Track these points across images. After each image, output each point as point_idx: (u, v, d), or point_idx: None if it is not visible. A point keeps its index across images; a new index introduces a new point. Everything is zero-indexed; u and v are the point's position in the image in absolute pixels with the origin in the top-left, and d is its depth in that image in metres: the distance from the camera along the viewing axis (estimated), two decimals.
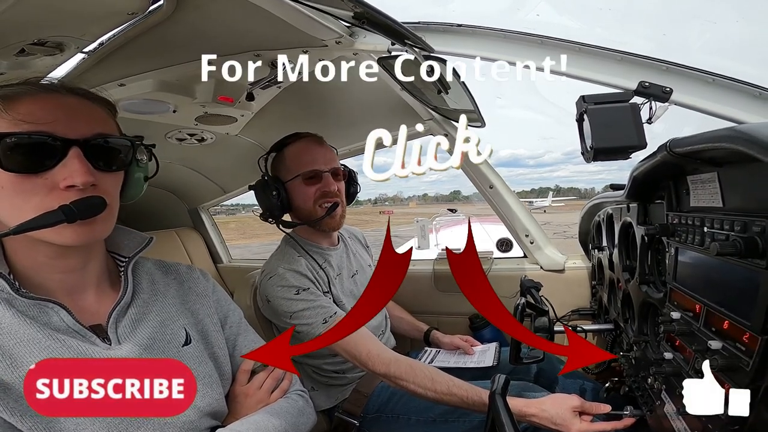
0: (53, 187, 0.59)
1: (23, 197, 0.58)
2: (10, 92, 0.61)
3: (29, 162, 0.58)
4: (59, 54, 0.95)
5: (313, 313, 1.18)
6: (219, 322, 0.83)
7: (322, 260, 1.31)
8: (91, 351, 0.63)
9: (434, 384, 1.06)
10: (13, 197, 0.58)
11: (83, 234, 0.61)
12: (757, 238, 0.54)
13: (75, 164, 0.59)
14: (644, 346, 0.97)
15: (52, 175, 0.59)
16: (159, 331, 0.71)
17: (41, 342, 0.59)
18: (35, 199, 0.59)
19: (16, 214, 0.58)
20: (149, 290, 0.75)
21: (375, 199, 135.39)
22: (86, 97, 0.66)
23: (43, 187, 0.59)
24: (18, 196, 0.58)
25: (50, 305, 0.62)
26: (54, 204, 0.58)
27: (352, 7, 0.83)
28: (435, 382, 1.06)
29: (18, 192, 0.58)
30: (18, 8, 0.76)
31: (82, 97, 0.65)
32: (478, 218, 4.28)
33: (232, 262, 2.68)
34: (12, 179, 0.58)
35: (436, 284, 1.86)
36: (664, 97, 0.78)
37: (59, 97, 0.63)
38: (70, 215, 0.57)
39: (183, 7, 0.89)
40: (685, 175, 0.76)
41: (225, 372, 0.79)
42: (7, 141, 0.57)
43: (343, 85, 1.44)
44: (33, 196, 0.59)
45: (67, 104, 0.63)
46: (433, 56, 1.05)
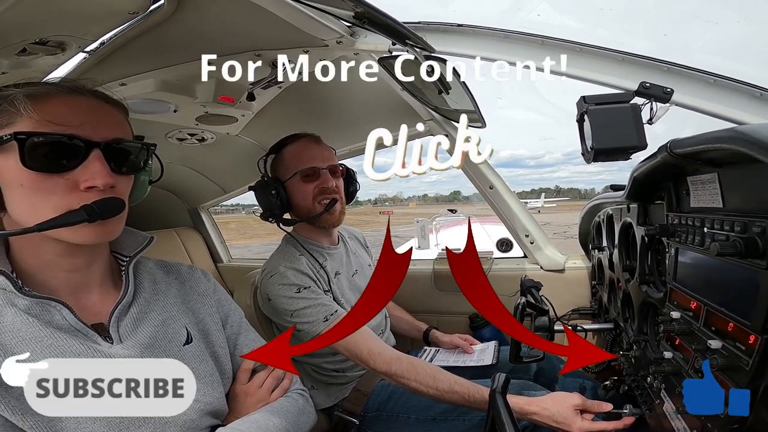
0: (74, 187, 0.60)
1: (43, 196, 0.59)
2: (36, 92, 0.62)
3: (52, 162, 0.59)
4: (61, 53, 0.95)
5: (313, 311, 1.18)
6: (220, 322, 0.83)
7: (322, 259, 1.32)
8: (93, 349, 0.63)
9: (436, 381, 1.06)
10: (33, 195, 0.59)
11: (100, 233, 0.62)
12: (757, 239, 0.54)
13: (97, 166, 0.61)
14: (644, 346, 0.97)
15: (73, 176, 0.60)
16: (160, 330, 0.71)
17: (43, 340, 0.60)
18: (55, 198, 0.60)
19: (34, 213, 0.59)
20: (151, 290, 0.76)
21: (375, 200, 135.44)
22: (106, 100, 0.67)
23: (64, 187, 0.60)
24: (38, 194, 0.59)
25: (53, 303, 0.62)
26: (73, 203, 0.60)
27: (353, 6, 0.84)
28: (437, 380, 1.06)
29: (38, 190, 0.59)
30: (19, 7, 0.76)
31: (102, 100, 0.67)
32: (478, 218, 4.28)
33: (232, 261, 2.68)
34: (33, 177, 0.59)
35: (435, 284, 1.86)
36: (665, 97, 0.79)
37: (83, 99, 0.64)
38: (92, 215, 0.59)
39: (184, 7, 0.89)
40: (686, 176, 0.76)
41: (226, 371, 0.80)
42: (34, 140, 0.58)
43: (343, 85, 1.44)
44: (53, 195, 0.59)
45: (91, 107, 0.64)
46: (434, 56, 1.05)
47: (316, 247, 1.35)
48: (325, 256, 1.34)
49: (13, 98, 0.60)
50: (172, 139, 1.68)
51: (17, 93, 0.60)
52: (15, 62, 0.93)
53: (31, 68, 0.97)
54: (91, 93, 0.66)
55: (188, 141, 1.71)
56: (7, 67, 0.94)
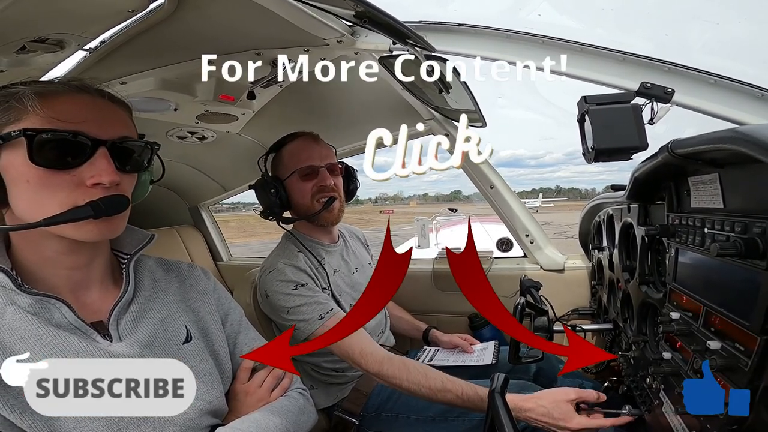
0: (79, 183, 0.61)
1: (49, 192, 0.60)
2: (44, 89, 0.62)
3: (60, 158, 0.60)
4: (60, 51, 0.95)
5: (309, 309, 1.18)
6: (220, 320, 0.83)
7: (321, 256, 1.33)
8: (92, 347, 0.63)
9: (428, 380, 1.06)
10: (39, 191, 0.60)
11: (103, 230, 0.63)
12: (757, 239, 0.54)
13: (103, 163, 0.62)
14: (643, 346, 0.97)
15: (79, 173, 0.61)
16: (160, 328, 0.71)
17: (42, 338, 0.60)
18: (61, 194, 0.60)
19: (39, 209, 0.60)
20: (151, 288, 0.76)
21: (375, 199, 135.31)
22: (111, 99, 0.68)
23: (70, 183, 0.60)
24: (44, 190, 0.60)
25: (52, 301, 0.62)
26: (79, 200, 0.60)
27: (354, 6, 0.83)
28: (428, 378, 1.06)
29: (44, 186, 0.60)
30: (19, 5, 0.76)
31: (108, 99, 0.67)
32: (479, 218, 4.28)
33: (232, 260, 2.68)
34: (40, 174, 0.59)
35: (435, 283, 1.86)
36: (666, 98, 0.78)
37: (90, 98, 0.65)
38: (98, 211, 0.60)
39: (184, 5, 0.88)
40: (686, 176, 0.76)
41: (225, 370, 0.79)
42: (42, 137, 0.59)
43: (343, 85, 1.43)
44: (59, 191, 0.60)
45: (97, 105, 0.65)
46: (434, 56, 1.05)
47: (315, 244, 1.35)
48: (324, 254, 1.35)
49: (21, 95, 0.60)
50: (173, 138, 1.68)
51: (25, 90, 0.61)
52: (14, 60, 0.93)
53: (30, 66, 0.97)
54: (97, 92, 0.66)
55: (189, 139, 1.71)
56: (6, 65, 0.94)
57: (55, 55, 0.96)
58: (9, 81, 0.66)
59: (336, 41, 1.08)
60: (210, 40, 1.06)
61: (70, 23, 0.87)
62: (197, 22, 0.96)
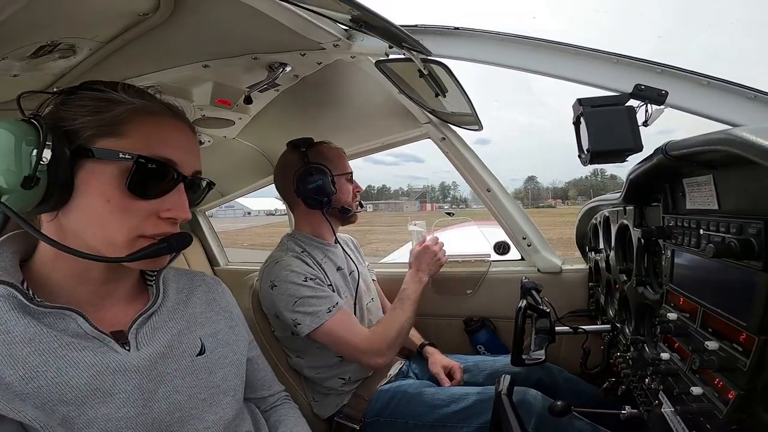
0: (152, 213, 0.60)
1: (123, 216, 0.58)
2: (150, 107, 0.61)
3: (151, 187, 0.59)
4: (72, 56, 0.94)
5: (319, 301, 1.20)
6: (236, 336, 0.82)
7: (321, 256, 1.36)
8: (109, 355, 0.61)
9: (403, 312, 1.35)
10: (114, 213, 0.58)
11: (158, 262, 0.63)
12: (752, 240, 0.55)
13: (182, 198, 0.61)
14: (641, 347, 0.97)
15: (158, 203, 0.60)
16: (176, 339, 0.70)
17: (57, 351, 0.57)
18: (133, 221, 0.59)
19: (103, 229, 0.58)
20: (174, 299, 0.74)
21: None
22: (192, 129, 0.67)
23: (145, 212, 0.59)
24: (120, 213, 0.58)
25: (67, 312, 0.60)
26: (147, 229, 0.59)
27: (350, 10, 0.83)
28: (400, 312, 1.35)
29: (122, 210, 0.58)
30: (31, 9, 0.74)
31: (190, 128, 0.66)
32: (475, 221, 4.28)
33: (228, 265, 2.67)
34: (125, 197, 0.58)
35: (432, 286, 1.86)
36: (660, 99, 0.79)
37: (184, 126, 0.64)
38: (171, 248, 0.60)
39: (180, 10, 0.88)
40: (681, 178, 0.77)
41: (237, 385, 0.78)
42: (148, 166, 0.57)
43: (340, 89, 1.44)
44: (133, 217, 0.59)
45: (186, 136, 0.64)
46: (431, 59, 1.05)
47: (317, 243, 1.39)
48: (324, 253, 1.39)
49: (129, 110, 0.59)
50: None
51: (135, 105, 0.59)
52: (27, 65, 0.92)
53: (43, 71, 0.96)
54: (186, 119, 0.65)
55: None
56: (19, 69, 0.92)
57: (67, 59, 0.95)
58: (23, 87, 0.63)
59: (332, 45, 1.08)
60: (206, 44, 1.06)
61: (82, 27, 0.86)
62: (193, 26, 0.96)
